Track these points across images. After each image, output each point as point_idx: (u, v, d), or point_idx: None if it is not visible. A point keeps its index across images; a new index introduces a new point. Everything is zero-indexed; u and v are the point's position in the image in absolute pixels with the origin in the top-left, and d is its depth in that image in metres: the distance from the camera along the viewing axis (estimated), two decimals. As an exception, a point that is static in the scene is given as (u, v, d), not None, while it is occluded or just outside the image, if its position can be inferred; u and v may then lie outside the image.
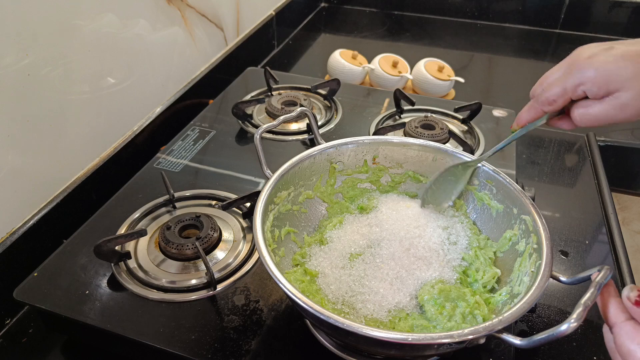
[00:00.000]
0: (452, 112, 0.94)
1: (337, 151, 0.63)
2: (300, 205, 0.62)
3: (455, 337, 0.40)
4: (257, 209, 0.52)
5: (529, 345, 0.40)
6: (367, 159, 0.65)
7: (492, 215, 0.60)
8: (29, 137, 0.67)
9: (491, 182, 0.59)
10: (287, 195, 0.59)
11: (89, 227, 0.69)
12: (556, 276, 0.47)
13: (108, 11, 0.76)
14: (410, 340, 0.40)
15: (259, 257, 0.63)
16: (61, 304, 0.58)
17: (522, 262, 0.52)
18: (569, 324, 0.38)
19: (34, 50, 0.65)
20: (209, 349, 0.54)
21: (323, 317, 0.41)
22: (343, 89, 0.99)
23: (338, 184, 0.65)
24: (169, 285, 0.60)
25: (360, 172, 0.66)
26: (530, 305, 0.43)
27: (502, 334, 0.41)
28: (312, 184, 0.63)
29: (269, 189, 0.55)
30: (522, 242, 0.54)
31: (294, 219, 0.61)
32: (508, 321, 0.41)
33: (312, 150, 0.61)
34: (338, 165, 0.64)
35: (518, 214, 0.55)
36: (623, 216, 1.36)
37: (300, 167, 0.60)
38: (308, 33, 1.50)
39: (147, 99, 0.92)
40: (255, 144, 0.60)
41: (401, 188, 0.67)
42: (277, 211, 0.58)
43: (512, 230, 0.56)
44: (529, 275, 0.49)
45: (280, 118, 0.62)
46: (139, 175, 0.79)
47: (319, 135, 0.66)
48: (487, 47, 1.43)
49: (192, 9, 0.98)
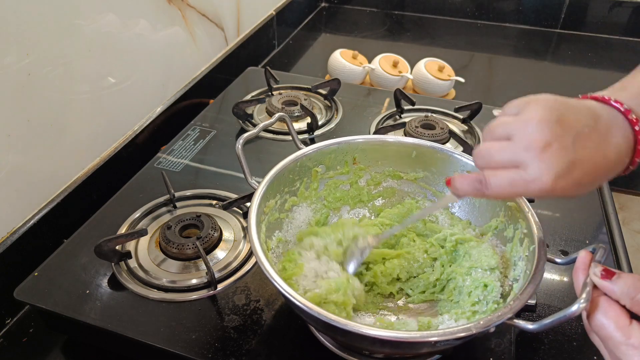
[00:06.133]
0: (452, 111, 0.94)
1: (318, 154, 0.63)
2: (287, 213, 0.62)
3: (472, 329, 0.41)
4: (251, 219, 0.51)
5: (540, 328, 0.41)
6: (347, 160, 0.65)
7: (475, 205, 0.61)
8: (29, 137, 0.67)
9: (470, 171, 0.59)
10: (275, 203, 0.59)
11: (89, 227, 0.69)
12: (552, 258, 0.49)
13: (108, 11, 0.76)
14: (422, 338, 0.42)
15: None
16: (62, 303, 0.58)
17: (512, 247, 0.54)
18: (579, 304, 0.39)
19: (34, 50, 0.65)
20: (209, 349, 0.54)
21: (327, 320, 0.42)
22: (343, 88, 0.99)
23: (321, 188, 0.65)
24: (170, 284, 0.60)
25: (342, 173, 0.65)
26: (535, 289, 0.44)
27: (513, 320, 0.43)
28: (297, 189, 0.63)
29: (258, 200, 0.54)
30: (510, 227, 0.55)
31: (282, 227, 0.61)
32: (518, 308, 0.42)
33: (294, 155, 0.61)
34: (320, 169, 0.64)
35: (503, 202, 0.56)
36: (623, 216, 1.37)
37: (283, 174, 0.59)
38: (308, 33, 1.50)
39: (148, 98, 0.92)
40: (238, 154, 0.58)
41: (381, 187, 0.67)
42: (267, 221, 0.57)
43: (498, 218, 0.57)
44: (524, 259, 0.51)
45: (259, 125, 0.61)
46: (140, 175, 0.79)
47: (298, 140, 0.65)
48: (487, 47, 1.43)
49: (192, 8, 0.98)
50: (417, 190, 0.66)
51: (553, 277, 0.67)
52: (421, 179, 0.65)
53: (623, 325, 0.37)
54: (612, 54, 1.38)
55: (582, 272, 0.42)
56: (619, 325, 0.37)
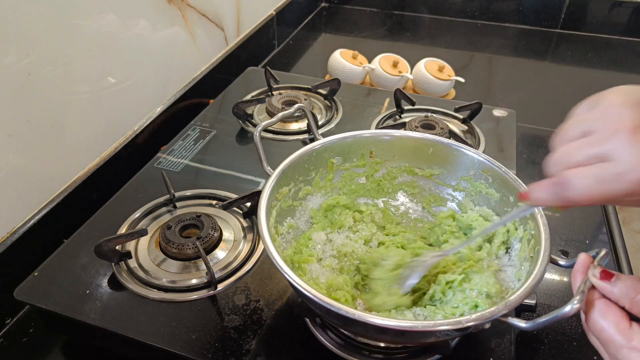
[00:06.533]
0: (452, 111, 0.94)
1: (335, 146, 0.64)
2: (301, 201, 0.63)
3: (463, 322, 0.41)
4: (261, 204, 0.53)
5: (533, 327, 0.41)
6: (364, 153, 0.65)
7: (490, 202, 0.61)
8: (29, 137, 0.67)
9: (487, 171, 0.60)
10: (288, 191, 0.60)
11: (89, 227, 0.69)
12: (555, 260, 0.48)
13: (108, 11, 0.76)
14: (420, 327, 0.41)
15: (260, 257, 0.64)
16: (62, 303, 0.58)
17: (521, 248, 0.54)
18: (572, 305, 0.38)
19: (34, 50, 0.65)
20: (209, 349, 0.54)
21: (332, 308, 0.42)
22: (343, 88, 0.99)
23: (337, 179, 0.66)
24: (170, 284, 0.60)
25: (358, 166, 0.66)
26: (533, 289, 0.44)
27: (507, 318, 0.42)
28: (312, 179, 0.64)
29: (271, 186, 0.56)
30: (520, 228, 0.55)
31: (295, 214, 0.62)
32: (513, 305, 0.42)
33: (311, 145, 0.62)
34: (336, 160, 0.65)
35: (514, 202, 0.56)
36: (623, 216, 1.37)
37: (299, 163, 0.61)
38: (308, 33, 1.50)
39: (148, 98, 0.92)
40: (255, 141, 0.61)
41: (397, 181, 0.67)
42: (279, 207, 0.59)
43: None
44: (529, 260, 0.50)
45: (278, 115, 0.63)
46: (140, 175, 0.79)
47: (316, 131, 0.67)
48: (487, 47, 1.43)
49: (192, 8, 0.98)
50: (432, 187, 0.66)
51: (553, 278, 0.67)
52: (437, 176, 0.65)
53: (623, 328, 0.36)
54: (612, 54, 1.38)
55: (580, 274, 0.41)
56: (619, 329, 0.36)
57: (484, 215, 0.61)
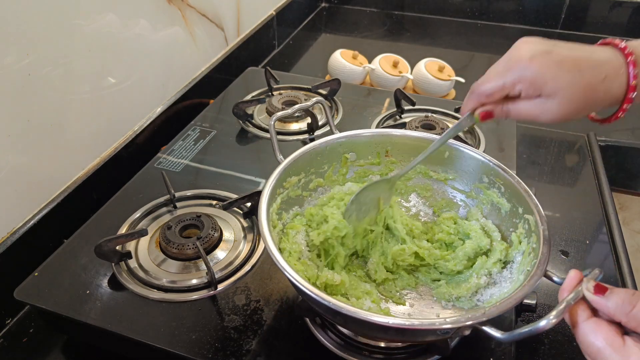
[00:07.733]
0: (452, 112, 0.94)
1: (351, 142, 0.64)
2: (311, 192, 0.64)
3: (436, 324, 0.41)
4: (266, 188, 0.54)
5: (509, 339, 0.40)
6: (379, 152, 0.65)
7: (501, 214, 0.60)
8: (29, 137, 0.67)
9: (500, 180, 0.59)
10: (297, 181, 0.61)
11: (89, 227, 0.69)
12: (550, 276, 0.47)
13: (109, 11, 0.76)
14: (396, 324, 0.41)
15: (260, 257, 0.64)
16: (62, 303, 0.58)
17: (522, 261, 0.53)
18: (548, 320, 0.38)
19: (34, 50, 0.65)
20: (209, 349, 0.54)
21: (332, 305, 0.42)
22: (343, 88, 0.99)
23: (350, 175, 0.66)
24: (170, 285, 0.60)
25: (373, 164, 0.66)
26: (517, 302, 0.43)
27: (484, 326, 0.42)
28: (324, 172, 0.64)
29: (278, 173, 0.56)
30: (525, 241, 0.54)
31: (303, 204, 0.63)
32: (492, 314, 0.41)
33: (325, 139, 0.62)
34: (350, 156, 0.65)
35: (522, 214, 0.55)
36: (623, 216, 1.36)
37: (312, 155, 0.61)
38: (308, 33, 1.50)
39: (148, 98, 0.92)
40: (270, 130, 0.62)
41: (411, 183, 0.67)
42: (286, 195, 0.59)
43: (517, 231, 0.56)
44: (525, 273, 0.49)
45: (295, 107, 0.65)
46: (140, 175, 0.79)
47: (333, 125, 0.68)
48: (487, 47, 1.43)
49: (192, 8, 0.98)
50: (445, 191, 0.66)
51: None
52: (451, 180, 0.65)
53: (618, 347, 0.35)
54: (612, 54, 1.38)
55: (567, 292, 0.40)
56: (614, 348, 0.35)
57: (486, 230, 0.60)
